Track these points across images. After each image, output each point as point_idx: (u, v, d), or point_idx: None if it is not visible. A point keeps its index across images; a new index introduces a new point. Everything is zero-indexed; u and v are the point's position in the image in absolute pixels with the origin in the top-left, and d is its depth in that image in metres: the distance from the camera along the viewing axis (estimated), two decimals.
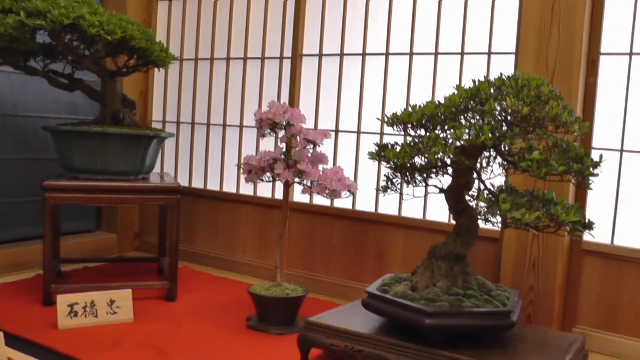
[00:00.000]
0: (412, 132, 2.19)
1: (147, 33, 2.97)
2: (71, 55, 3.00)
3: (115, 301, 2.64)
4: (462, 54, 2.97)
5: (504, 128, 1.99)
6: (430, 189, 2.23)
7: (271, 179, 2.77)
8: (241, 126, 3.72)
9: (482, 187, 2.10)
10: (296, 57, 3.45)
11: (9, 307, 2.76)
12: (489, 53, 2.91)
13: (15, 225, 3.60)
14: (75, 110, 3.87)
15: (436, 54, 3.04)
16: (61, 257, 3.38)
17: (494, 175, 2.13)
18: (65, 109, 3.82)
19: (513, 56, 2.83)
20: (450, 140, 2.05)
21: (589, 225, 1.94)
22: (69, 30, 2.85)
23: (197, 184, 3.93)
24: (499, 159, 2.11)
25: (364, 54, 3.26)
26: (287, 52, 3.52)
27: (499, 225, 2.02)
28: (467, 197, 2.15)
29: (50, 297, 2.78)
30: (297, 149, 2.73)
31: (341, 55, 3.33)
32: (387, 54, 3.19)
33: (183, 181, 3.94)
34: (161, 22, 4.10)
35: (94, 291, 2.63)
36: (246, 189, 3.68)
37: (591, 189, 2.03)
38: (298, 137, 2.73)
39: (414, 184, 2.22)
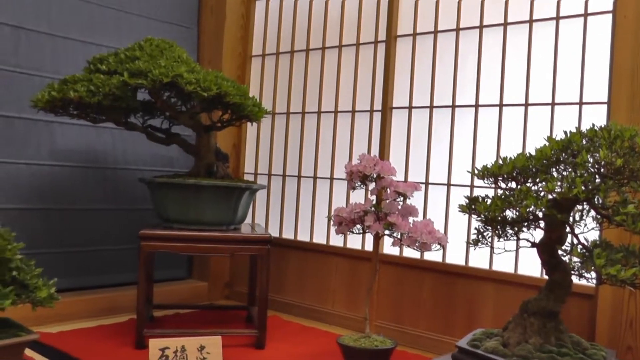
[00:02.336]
0: (503, 185, 2.17)
1: (241, 89, 3.06)
2: (169, 111, 3.14)
3: (205, 347, 2.68)
4: (553, 104, 2.93)
5: (597, 180, 1.94)
6: (522, 242, 2.19)
7: (361, 231, 2.79)
8: (332, 178, 3.77)
9: (575, 241, 2.05)
10: (386, 110, 3.49)
11: (104, 349, 2.86)
12: (580, 103, 2.85)
13: (112, 271, 3.74)
14: (171, 163, 4.03)
15: (526, 105, 3.01)
16: (154, 303, 3.48)
17: (587, 229, 2.07)
18: (162, 162, 3.98)
19: (605, 106, 2.76)
20: (542, 193, 2.02)
21: None
22: (167, 88, 2.99)
23: (288, 234, 3.98)
24: (592, 213, 2.05)
25: (453, 106, 3.26)
26: (377, 105, 3.56)
27: (594, 281, 1.96)
28: (560, 252, 2.10)
29: (142, 341, 2.86)
30: (387, 201, 2.74)
31: (431, 107, 3.35)
32: (476, 106, 3.18)
33: (274, 232, 4.00)
34: (254, 78, 4.24)
35: (185, 337, 2.68)
36: (336, 241, 3.70)
37: None
38: (388, 190, 2.75)
39: (505, 238, 2.18)
